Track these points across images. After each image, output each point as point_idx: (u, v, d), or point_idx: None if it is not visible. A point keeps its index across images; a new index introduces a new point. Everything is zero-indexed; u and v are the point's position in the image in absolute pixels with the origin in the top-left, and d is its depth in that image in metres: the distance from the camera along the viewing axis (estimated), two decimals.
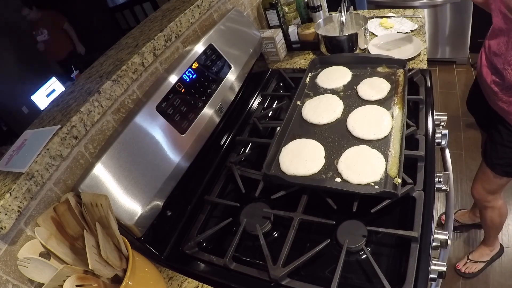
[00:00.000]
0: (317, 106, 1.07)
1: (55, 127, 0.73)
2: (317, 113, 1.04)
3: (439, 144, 0.99)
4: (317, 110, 1.05)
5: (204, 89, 1.01)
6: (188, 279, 0.82)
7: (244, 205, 0.92)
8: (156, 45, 0.94)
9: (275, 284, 0.75)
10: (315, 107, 1.07)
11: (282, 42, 1.47)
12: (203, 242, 0.91)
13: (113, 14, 4.64)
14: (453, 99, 2.66)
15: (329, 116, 1.03)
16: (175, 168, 0.87)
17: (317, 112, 1.05)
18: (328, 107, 1.05)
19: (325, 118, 1.02)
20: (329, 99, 1.08)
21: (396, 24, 1.51)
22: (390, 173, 0.83)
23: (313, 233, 0.85)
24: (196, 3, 1.09)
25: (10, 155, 0.71)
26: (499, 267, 1.64)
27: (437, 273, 0.73)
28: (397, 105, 1.01)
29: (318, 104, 1.08)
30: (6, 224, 0.61)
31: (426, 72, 1.17)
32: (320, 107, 1.06)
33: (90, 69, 0.97)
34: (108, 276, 0.63)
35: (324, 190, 0.86)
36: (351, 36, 1.31)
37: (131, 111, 0.88)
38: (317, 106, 1.07)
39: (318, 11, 1.47)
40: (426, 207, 0.79)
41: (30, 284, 0.67)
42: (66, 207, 0.68)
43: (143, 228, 0.80)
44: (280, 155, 0.96)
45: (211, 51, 1.07)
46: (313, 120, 1.04)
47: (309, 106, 1.08)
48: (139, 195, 0.78)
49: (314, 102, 1.09)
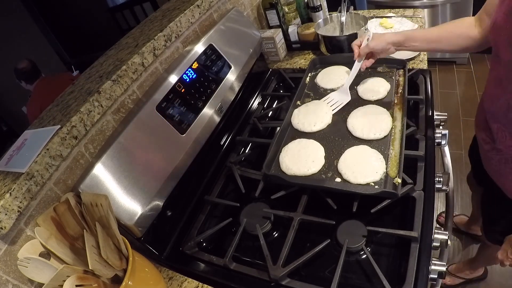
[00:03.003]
0: (307, 114, 1.05)
1: (55, 127, 0.73)
2: (308, 122, 1.02)
3: (439, 144, 0.99)
4: (307, 118, 1.03)
5: (204, 89, 1.01)
6: (188, 279, 0.82)
7: (244, 205, 0.92)
8: (156, 45, 0.94)
9: (275, 284, 0.75)
10: (304, 115, 1.05)
11: (282, 42, 1.47)
12: (203, 242, 0.91)
13: (113, 14, 4.64)
14: (453, 99, 2.66)
15: (321, 123, 1.01)
16: (175, 168, 0.87)
17: (308, 120, 1.03)
18: (318, 115, 1.03)
19: (317, 125, 1.01)
20: (318, 106, 1.07)
21: (396, 24, 1.50)
22: (390, 173, 0.83)
23: (313, 233, 0.85)
24: (196, 3, 1.09)
25: (10, 155, 0.71)
26: (499, 267, 1.64)
27: (437, 273, 0.73)
28: (397, 105, 1.01)
29: (307, 111, 1.06)
30: (6, 224, 0.61)
31: (426, 72, 1.17)
32: (309, 115, 1.04)
33: (90, 69, 0.97)
34: (108, 276, 0.63)
35: (324, 190, 0.86)
36: (351, 36, 1.30)
37: (131, 111, 0.88)
38: (307, 113, 1.05)
39: (318, 11, 1.47)
40: (426, 207, 0.79)
41: (30, 284, 0.67)
42: (66, 207, 0.68)
43: (143, 228, 0.80)
44: (280, 155, 0.96)
45: (211, 51, 1.07)
46: (304, 129, 1.02)
47: (299, 114, 1.06)
48: (139, 195, 0.78)
49: (303, 110, 1.07)
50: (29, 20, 4.41)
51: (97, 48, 2.53)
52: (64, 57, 4.95)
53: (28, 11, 4.40)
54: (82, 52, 4.54)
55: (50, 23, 4.77)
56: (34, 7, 4.49)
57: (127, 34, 1.10)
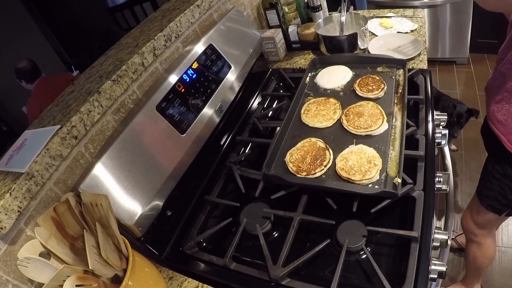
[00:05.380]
0: (317, 111, 1.06)
1: (55, 127, 0.73)
2: (317, 118, 1.04)
3: (439, 144, 0.99)
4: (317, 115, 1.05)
5: (204, 89, 1.01)
6: (188, 279, 0.82)
7: (244, 205, 0.92)
8: (156, 45, 0.94)
9: (275, 284, 0.75)
10: (314, 112, 1.06)
11: (282, 42, 1.47)
12: (203, 242, 0.91)
13: (113, 14, 4.64)
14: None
15: (328, 120, 1.02)
16: (175, 168, 0.87)
17: (317, 117, 1.04)
18: (329, 111, 1.05)
19: (323, 122, 1.02)
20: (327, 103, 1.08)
21: (396, 24, 1.51)
22: (390, 173, 0.83)
23: (313, 233, 0.85)
24: (196, 3, 1.09)
25: (10, 155, 0.71)
26: (499, 267, 1.64)
27: (437, 273, 0.73)
28: (397, 105, 1.01)
29: (317, 108, 1.07)
30: (6, 224, 0.61)
31: (426, 72, 1.17)
32: (319, 112, 1.05)
33: (90, 69, 0.97)
34: (108, 276, 0.63)
35: (324, 190, 0.86)
36: (351, 36, 1.31)
37: (131, 111, 0.88)
38: (317, 111, 1.06)
39: (318, 11, 1.47)
40: (426, 207, 0.79)
41: (30, 284, 0.67)
42: (66, 207, 0.68)
43: (143, 228, 0.80)
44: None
45: (211, 51, 1.07)
46: (312, 124, 1.03)
47: (308, 109, 1.08)
48: (139, 195, 0.78)
49: (313, 106, 1.08)
50: (29, 20, 4.40)
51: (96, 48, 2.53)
52: (64, 57, 4.94)
53: (28, 11, 4.40)
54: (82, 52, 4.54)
55: (50, 23, 4.76)
56: (34, 7, 4.48)
57: (127, 34, 1.10)
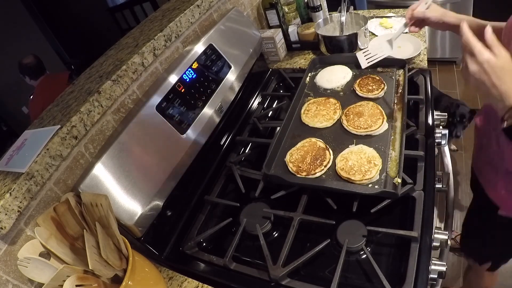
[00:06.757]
0: (317, 111, 1.06)
1: (55, 127, 0.73)
2: (317, 118, 1.04)
3: (439, 144, 0.99)
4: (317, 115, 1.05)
5: (204, 89, 1.01)
6: (188, 279, 0.82)
7: (244, 205, 0.92)
8: (156, 45, 0.94)
9: (275, 284, 0.75)
10: (314, 112, 1.06)
11: (282, 42, 1.47)
12: (203, 242, 0.91)
13: (113, 14, 4.64)
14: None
15: (328, 120, 1.02)
16: (175, 168, 0.87)
17: (317, 117, 1.04)
18: (329, 111, 1.05)
19: (323, 122, 1.02)
20: (327, 103, 1.08)
21: (396, 24, 1.50)
22: (390, 173, 0.83)
23: (313, 233, 0.85)
24: (196, 3, 1.09)
25: (10, 155, 0.71)
26: None
27: (437, 273, 0.73)
28: (397, 105, 1.01)
29: (317, 108, 1.07)
30: (6, 224, 0.61)
31: (426, 72, 1.17)
32: (319, 112, 1.05)
33: (90, 69, 0.97)
34: (108, 276, 0.63)
35: (324, 190, 0.86)
36: (351, 36, 1.31)
37: (131, 111, 0.88)
38: (317, 111, 1.06)
39: (318, 11, 1.47)
40: (426, 207, 0.79)
41: (30, 284, 0.67)
42: (66, 207, 0.68)
43: (143, 228, 0.80)
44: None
45: (211, 51, 1.07)
46: (312, 124, 1.03)
47: (308, 109, 1.08)
48: (139, 195, 0.78)
49: (313, 106, 1.08)
50: (29, 20, 4.40)
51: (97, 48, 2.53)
52: (64, 57, 4.94)
53: (28, 11, 4.40)
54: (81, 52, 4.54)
55: (50, 23, 4.77)
56: (34, 7, 4.48)
57: (127, 34, 1.10)
